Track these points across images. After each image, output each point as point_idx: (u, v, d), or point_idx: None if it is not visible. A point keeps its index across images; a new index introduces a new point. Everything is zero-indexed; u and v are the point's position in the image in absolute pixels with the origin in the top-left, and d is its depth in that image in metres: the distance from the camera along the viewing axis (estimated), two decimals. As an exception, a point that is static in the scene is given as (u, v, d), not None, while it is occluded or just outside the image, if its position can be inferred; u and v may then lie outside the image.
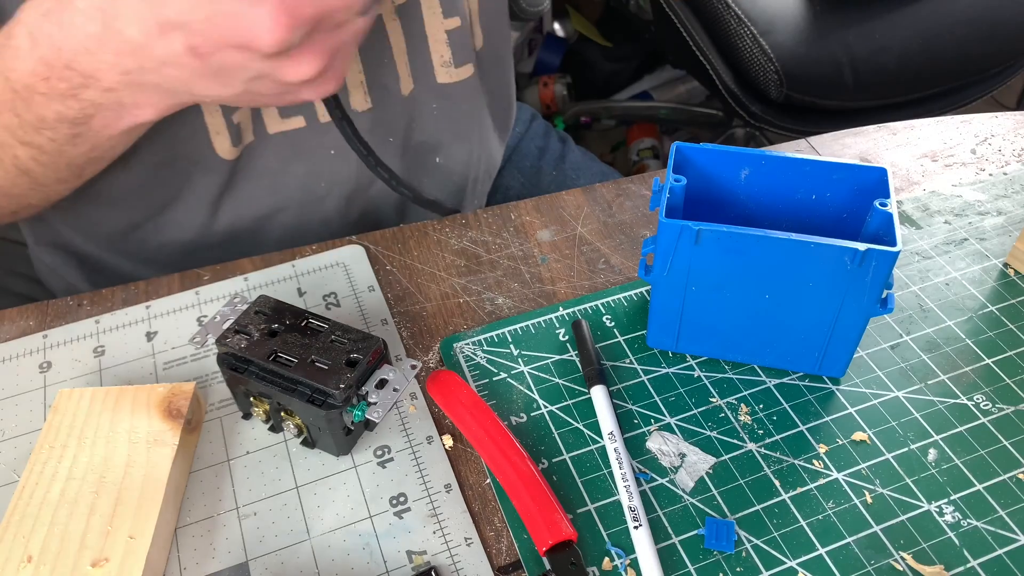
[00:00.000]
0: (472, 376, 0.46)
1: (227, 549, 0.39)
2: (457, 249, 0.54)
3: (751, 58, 1.03)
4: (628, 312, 0.49)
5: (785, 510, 0.40)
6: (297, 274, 0.52)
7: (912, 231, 0.54)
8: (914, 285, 0.50)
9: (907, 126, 0.63)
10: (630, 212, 0.56)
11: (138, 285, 0.52)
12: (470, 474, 0.42)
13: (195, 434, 0.43)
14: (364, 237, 0.55)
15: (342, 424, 0.40)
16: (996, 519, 0.39)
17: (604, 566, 0.38)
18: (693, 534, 0.39)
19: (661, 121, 1.60)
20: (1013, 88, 1.42)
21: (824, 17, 1.04)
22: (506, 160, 0.79)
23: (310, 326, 0.42)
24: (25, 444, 0.43)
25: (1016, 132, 0.62)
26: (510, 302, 0.50)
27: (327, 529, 0.40)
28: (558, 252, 0.54)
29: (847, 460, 0.42)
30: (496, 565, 0.38)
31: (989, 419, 0.43)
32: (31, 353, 0.48)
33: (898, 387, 0.45)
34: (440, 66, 0.58)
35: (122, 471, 0.39)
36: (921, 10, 1.03)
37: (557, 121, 1.54)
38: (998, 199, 0.56)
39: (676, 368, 0.46)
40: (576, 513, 0.40)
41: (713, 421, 0.43)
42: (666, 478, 0.41)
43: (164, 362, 0.47)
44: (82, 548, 0.37)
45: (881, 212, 0.40)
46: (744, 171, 0.44)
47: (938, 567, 0.38)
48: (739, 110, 1.10)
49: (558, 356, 0.47)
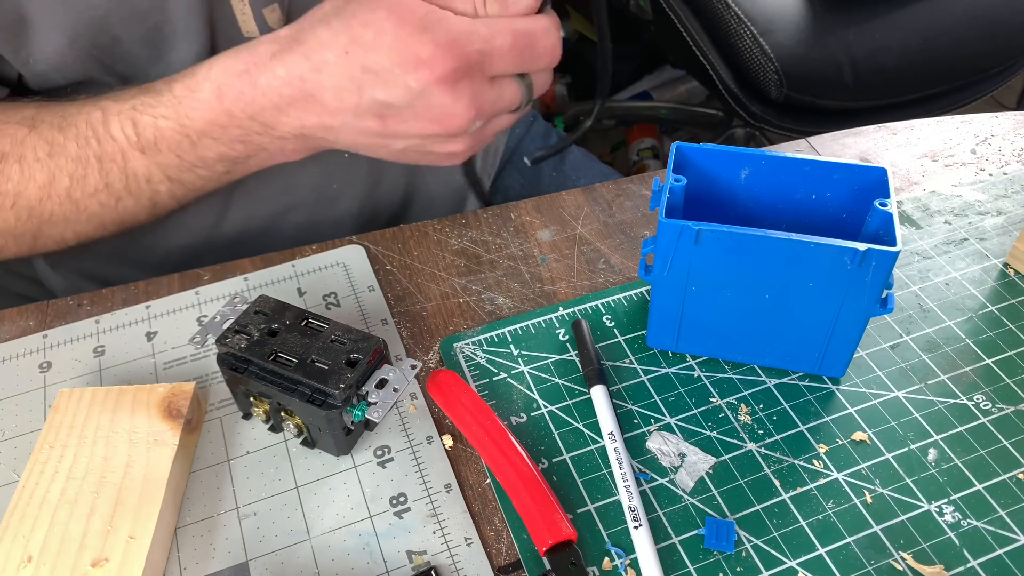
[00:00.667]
0: (472, 376, 0.46)
1: (227, 549, 0.39)
2: (457, 249, 0.54)
3: (751, 58, 1.03)
4: (628, 312, 0.49)
5: (785, 510, 0.40)
6: (297, 274, 0.52)
7: (912, 231, 0.54)
8: (914, 285, 0.50)
9: (907, 126, 0.63)
10: (630, 212, 0.56)
11: (138, 285, 0.52)
12: (470, 474, 0.42)
13: (195, 434, 0.43)
14: (364, 237, 0.55)
15: (342, 424, 0.40)
16: (996, 519, 0.39)
17: (604, 566, 0.38)
18: (693, 534, 0.39)
19: (661, 121, 1.60)
20: (1013, 88, 1.42)
21: (824, 17, 1.04)
22: (506, 160, 0.79)
23: (310, 326, 0.42)
24: (25, 444, 0.43)
25: (1016, 132, 0.62)
26: (510, 302, 0.50)
27: (327, 529, 0.40)
28: (558, 252, 0.54)
29: (847, 460, 0.42)
30: (496, 565, 0.38)
31: (989, 419, 0.43)
32: (31, 353, 0.48)
33: (898, 387, 0.45)
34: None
35: (122, 471, 0.39)
36: (921, 10, 1.03)
37: (557, 121, 1.54)
38: (998, 199, 0.56)
39: (676, 368, 0.46)
40: (576, 513, 0.40)
41: (713, 421, 0.43)
42: (666, 478, 0.41)
43: (164, 362, 0.47)
44: (82, 548, 0.37)
45: (881, 212, 0.40)
46: (744, 171, 0.44)
47: (938, 567, 0.38)
48: (739, 110, 1.10)
49: (558, 356, 0.47)
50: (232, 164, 0.46)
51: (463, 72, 0.39)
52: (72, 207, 0.46)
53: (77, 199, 0.46)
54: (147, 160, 0.45)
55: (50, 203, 0.46)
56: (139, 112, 0.44)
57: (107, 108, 0.45)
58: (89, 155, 0.45)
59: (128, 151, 0.45)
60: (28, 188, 0.45)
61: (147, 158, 0.45)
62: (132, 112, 0.44)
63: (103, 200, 0.46)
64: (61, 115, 0.45)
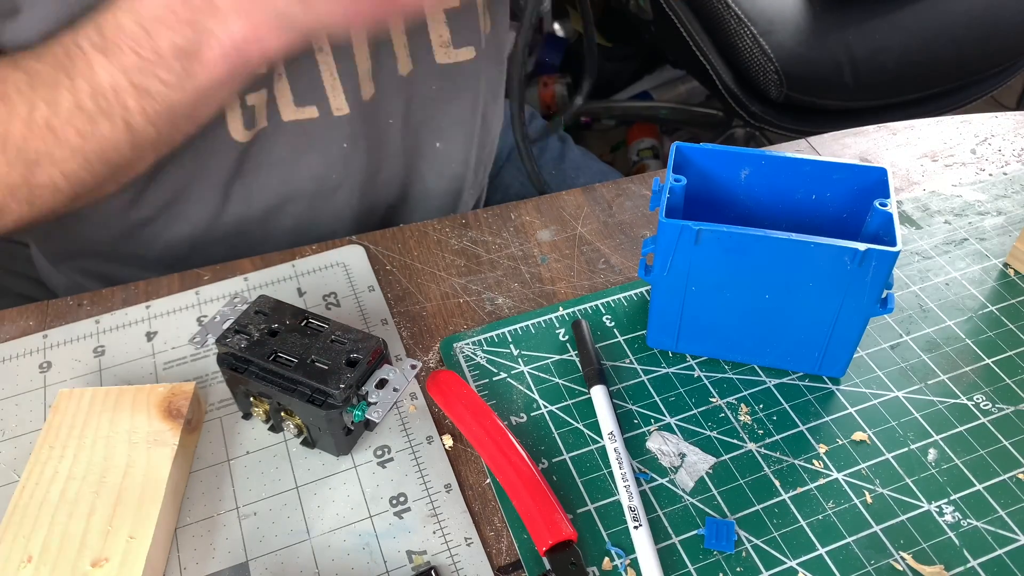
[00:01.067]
0: (472, 376, 0.46)
1: (227, 549, 0.39)
2: (457, 249, 0.54)
3: (751, 58, 1.03)
4: (628, 312, 0.49)
5: (785, 510, 0.40)
6: (297, 274, 0.52)
7: (912, 231, 0.54)
8: (914, 285, 0.50)
9: (907, 126, 0.63)
10: (630, 212, 0.56)
11: (138, 285, 0.52)
12: (470, 474, 0.42)
13: (195, 434, 0.43)
14: (364, 237, 0.55)
15: (342, 424, 0.40)
16: (996, 519, 0.39)
17: (604, 566, 0.38)
18: (693, 534, 0.39)
19: (661, 121, 1.60)
20: (1013, 88, 1.42)
21: (824, 17, 1.04)
22: (506, 160, 0.79)
23: (310, 326, 0.42)
24: (25, 444, 0.43)
25: (1016, 132, 0.62)
26: (510, 302, 0.50)
27: (327, 529, 0.40)
28: (558, 252, 0.54)
29: (847, 460, 0.42)
30: (496, 565, 0.38)
31: (989, 419, 0.43)
32: (31, 353, 0.48)
33: (898, 387, 0.45)
34: (439, 47, 0.58)
35: (122, 471, 0.39)
36: (921, 10, 1.03)
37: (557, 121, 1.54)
38: (998, 199, 0.56)
39: (676, 368, 0.46)
40: (576, 513, 0.40)
41: (713, 421, 0.43)
42: (666, 478, 0.41)
43: (164, 362, 0.47)
44: (82, 548, 0.37)
45: (881, 212, 0.41)
46: (744, 171, 0.44)
47: (938, 567, 0.38)
48: (739, 110, 1.10)
49: (558, 356, 0.47)
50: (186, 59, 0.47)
51: None
52: (53, 139, 0.47)
53: (55, 127, 0.47)
54: (110, 65, 0.46)
55: (33, 139, 0.47)
56: (101, 13, 0.46)
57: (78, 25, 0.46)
58: (60, 75, 0.46)
59: (93, 57, 0.46)
60: (13, 125, 0.46)
61: (110, 62, 0.46)
62: (96, 16, 0.46)
63: (79, 126, 0.47)
64: (42, 46, 0.47)
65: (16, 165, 0.47)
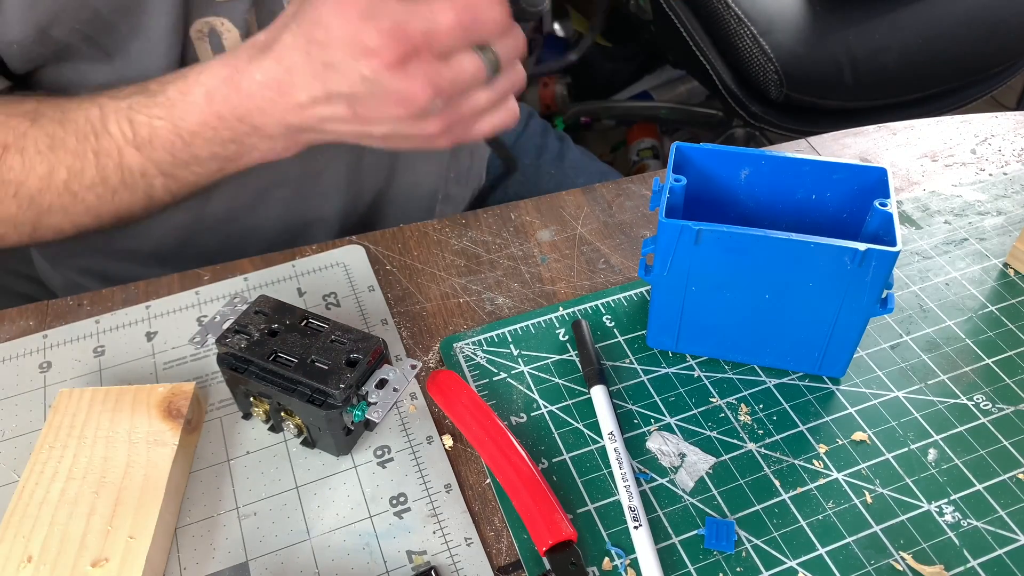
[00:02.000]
0: (472, 376, 0.46)
1: (227, 549, 0.39)
2: (457, 249, 0.54)
3: (751, 58, 1.03)
4: (628, 312, 0.49)
5: (785, 510, 0.40)
6: (297, 274, 0.52)
7: (912, 231, 0.54)
8: (914, 285, 0.50)
9: (907, 126, 0.63)
10: (630, 212, 0.56)
11: (138, 285, 0.52)
12: (470, 474, 0.42)
13: (195, 434, 0.43)
14: (364, 237, 0.55)
15: (342, 424, 0.40)
16: (996, 519, 0.39)
17: (604, 566, 0.38)
18: (693, 534, 0.39)
19: (661, 121, 1.60)
20: (1013, 88, 1.42)
21: (824, 17, 1.04)
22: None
23: (310, 326, 0.42)
24: (25, 444, 0.43)
25: (1016, 132, 0.62)
26: (510, 302, 0.50)
27: (327, 529, 0.40)
28: (558, 252, 0.54)
29: (847, 460, 0.42)
30: (496, 565, 0.38)
31: (989, 419, 0.43)
32: (31, 353, 0.48)
33: (898, 387, 0.45)
34: None
35: (122, 471, 0.39)
36: (921, 10, 1.03)
37: (557, 121, 1.54)
38: (998, 199, 0.56)
39: (676, 368, 0.46)
40: (576, 513, 0.40)
41: (713, 421, 0.43)
42: (666, 478, 0.41)
43: (164, 362, 0.47)
44: (82, 548, 0.37)
45: (881, 212, 0.40)
46: (744, 171, 0.44)
47: (938, 567, 0.38)
48: (739, 110, 1.10)
49: (558, 356, 0.47)
50: (224, 162, 0.48)
51: (411, 54, 0.41)
52: (70, 198, 0.48)
53: (75, 191, 0.48)
54: (142, 156, 0.47)
55: (49, 194, 0.48)
56: (135, 111, 0.46)
57: (104, 106, 0.47)
58: (87, 150, 0.47)
59: (124, 147, 0.47)
60: (29, 179, 0.47)
61: (142, 155, 0.47)
62: (128, 111, 0.46)
63: (100, 193, 0.48)
64: (61, 110, 0.47)
65: (27, 211, 0.49)
